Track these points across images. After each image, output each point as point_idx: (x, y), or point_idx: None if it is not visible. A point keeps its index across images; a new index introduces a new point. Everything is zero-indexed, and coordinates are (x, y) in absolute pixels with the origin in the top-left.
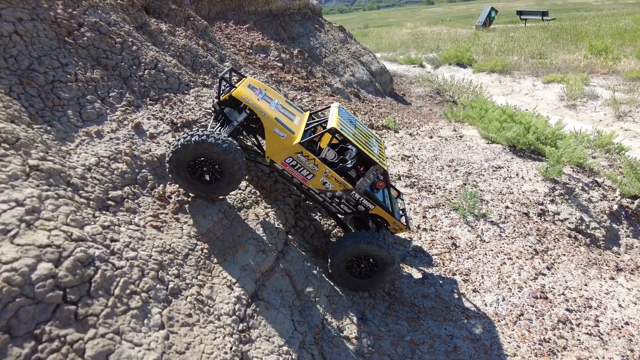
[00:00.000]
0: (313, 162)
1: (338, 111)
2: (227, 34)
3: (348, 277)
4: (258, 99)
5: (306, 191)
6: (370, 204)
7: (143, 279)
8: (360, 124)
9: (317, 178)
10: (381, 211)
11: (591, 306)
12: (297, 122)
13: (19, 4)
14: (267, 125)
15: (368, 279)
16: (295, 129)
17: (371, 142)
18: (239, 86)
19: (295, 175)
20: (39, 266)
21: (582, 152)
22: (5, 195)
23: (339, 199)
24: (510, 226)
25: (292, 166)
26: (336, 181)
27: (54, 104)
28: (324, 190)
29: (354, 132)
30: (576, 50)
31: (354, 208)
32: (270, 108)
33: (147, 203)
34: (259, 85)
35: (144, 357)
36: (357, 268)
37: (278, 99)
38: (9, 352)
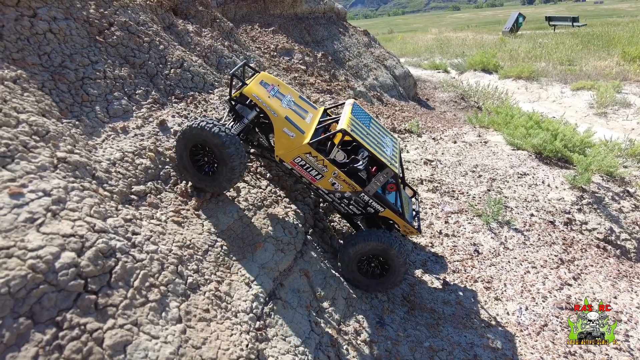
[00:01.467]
0: (322, 163)
1: (352, 109)
2: (252, 37)
3: (358, 276)
4: (269, 97)
5: (315, 190)
6: (379, 206)
7: (162, 273)
8: (375, 122)
9: (326, 179)
10: (391, 214)
11: (621, 320)
12: (308, 119)
13: (54, 4)
14: (277, 124)
15: (378, 279)
16: (306, 128)
17: (384, 143)
18: (250, 83)
19: (304, 174)
20: (62, 255)
21: (612, 161)
22: (34, 185)
23: (347, 200)
24: (535, 234)
25: (301, 166)
26: (345, 183)
27: (83, 99)
28: (333, 191)
29: (366, 132)
30: (608, 57)
31: (364, 210)
32: (280, 106)
33: (169, 199)
34: (271, 81)
35: (160, 350)
36: (368, 267)
37: (291, 94)
38: (31, 338)
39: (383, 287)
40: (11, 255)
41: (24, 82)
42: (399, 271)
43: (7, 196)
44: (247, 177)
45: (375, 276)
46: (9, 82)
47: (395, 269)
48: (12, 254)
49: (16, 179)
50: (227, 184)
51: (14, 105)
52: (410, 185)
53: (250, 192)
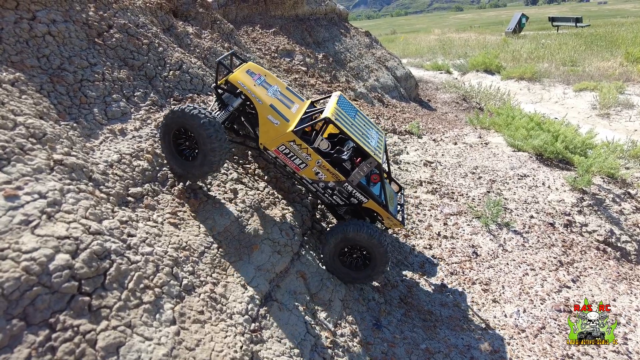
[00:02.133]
0: (306, 152)
1: (337, 100)
2: (253, 38)
3: (340, 268)
4: (255, 85)
5: (299, 180)
6: (363, 197)
7: (157, 275)
8: (361, 115)
9: (310, 168)
10: (375, 205)
11: (620, 322)
12: (294, 109)
13: (54, 6)
14: (261, 112)
15: (361, 271)
16: (291, 117)
17: (369, 134)
18: (236, 71)
19: (288, 163)
20: (56, 257)
21: (614, 162)
22: (30, 187)
23: (331, 190)
24: (534, 236)
25: (285, 154)
26: (329, 172)
27: (81, 102)
28: (316, 181)
29: (351, 122)
30: (611, 58)
31: (347, 200)
32: (266, 94)
33: (166, 200)
34: (258, 71)
35: (153, 352)
36: (349, 258)
37: (278, 85)
38: (24, 339)
39: (365, 278)
40: (5, 257)
41: (22, 85)
42: (381, 261)
43: (2, 198)
44: (245, 178)
45: (358, 268)
46: (7, 85)
47: (377, 259)
48: (6, 255)
49: (12, 181)
50: (208, 168)
51: (11, 108)
52: (396, 181)
53: (247, 194)
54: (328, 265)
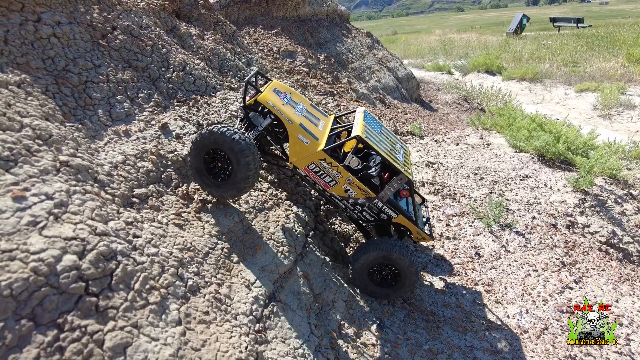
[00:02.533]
0: (336, 170)
1: (364, 117)
2: (255, 39)
3: (369, 284)
4: (283, 104)
5: (328, 197)
6: (393, 212)
7: (163, 275)
8: (385, 130)
9: (340, 185)
10: (404, 220)
11: (622, 323)
12: (321, 127)
13: (58, 8)
14: (291, 131)
15: (389, 288)
16: (319, 135)
17: (396, 149)
18: (264, 91)
19: (318, 181)
20: (64, 258)
21: (616, 163)
22: (37, 188)
23: (361, 206)
24: (536, 237)
25: (315, 172)
26: (359, 189)
27: (85, 103)
28: (346, 197)
29: (379, 138)
30: (613, 58)
31: (377, 216)
32: (294, 113)
33: (171, 201)
34: (284, 89)
35: (160, 352)
36: (379, 275)
37: (303, 102)
38: (33, 339)
39: (396, 294)
40: (14, 258)
41: (27, 86)
42: (410, 278)
43: (10, 200)
44: None
45: (387, 284)
46: (13, 87)
47: (406, 276)
48: (15, 256)
49: (19, 182)
50: (239, 192)
51: (17, 110)
52: (419, 192)
53: (251, 195)
54: (356, 281)
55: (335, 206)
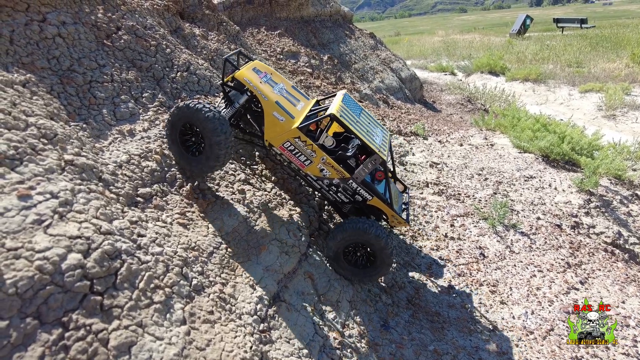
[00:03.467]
0: (311, 148)
1: (342, 98)
2: (259, 40)
3: (345, 265)
4: (261, 82)
5: (304, 177)
6: (368, 194)
7: (167, 275)
8: (366, 113)
9: (315, 164)
10: (379, 203)
11: (629, 325)
12: (300, 107)
13: (63, 9)
14: (267, 108)
15: (364, 269)
16: (296, 114)
17: (374, 132)
18: (242, 68)
19: (293, 160)
20: (69, 256)
21: (621, 164)
22: (42, 187)
23: (336, 187)
24: (541, 238)
25: (290, 151)
26: (333, 169)
27: (90, 103)
28: (321, 178)
29: (356, 120)
30: (617, 59)
31: (352, 197)
32: (272, 91)
33: (175, 201)
34: (264, 69)
35: (164, 351)
36: (354, 256)
37: (284, 83)
38: (38, 338)
39: (370, 277)
40: (19, 256)
41: (33, 86)
42: (385, 260)
43: (15, 198)
44: (252, 179)
45: (361, 266)
46: (18, 86)
47: (381, 258)
48: (20, 255)
49: (24, 181)
50: (214, 162)
51: (23, 109)
52: (401, 181)
53: (255, 195)
54: (332, 262)
55: (311, 187)
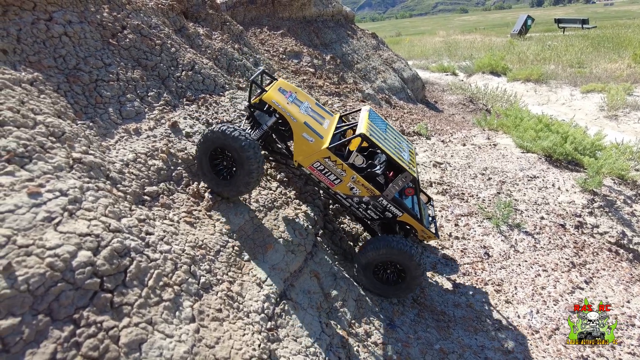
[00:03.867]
0: (341, 168)
1: (368, 115)
2: (262, 40)
3: (374, 281)
4: (288, 103)
5: (333, 195)
6: (398, 210)
7: (176, 272)
8: (391, 128)
9: (345, 183)
10: (409, 219)
11: (634, 324)
12: (326, 125)
13: (69, 8)
14: (296, 130)
15: (394, 286)
16: (324, 133)
17: (402, 147)
18: (269, 90)
19: (323, 179)
20: (79, 254)
21: (624, 164)
22: (51, 184)
23: (366, 204)
24: (545, 237)
25: (320, 171)
26: (363, 187)
27: (96, 101)
28: (351, 196)
29: (384, 137)
30: (619, 59)
31: (382, 214)
32: (299, 112)
33: (182, 199)
34: (289, 88)
35: (174, 349)
36: (384, 273)
37: (308, 101)
38: (50, 334)
39: (400, 292)
40: (30, 253)
41: (40, 84)
42: (416, 277)
43: (25, 195)
44: None
45: (391, 282)
46: (26, 84)
47: (412, 275)
48: (31, 252)
49: (34, 178)
50: (244, 188)
51: (31, 107)
52: (424, 191)
53: (260, 194)
54: (361, 278)
55: (340, 204)
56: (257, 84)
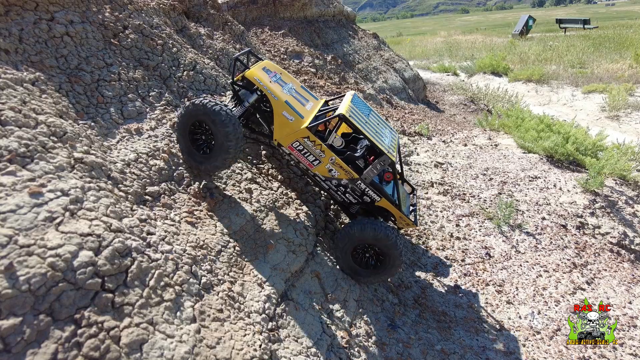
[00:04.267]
0: (320, 148)
1: (351, 99)
2: (263, 40)
3: (353, 266)
4: (270, 81)
5: (312, 177)
6: (376, 195)
7: (177, 273)
8: (375, 114)
9: (323, 165)
10: (387, 204)
11: (636, 325)
12: (309, 107)
13: (71, 7)
14: (276, 108)
15: (373, 270)
16: (306, 114)
17: (383, 133)
18: (252, 67)
19: (302, 160)
20: (80, 254)
21: (625, 164)
22: (53, 184)
23: (344, 187)
24: (546, 238)
25: (299, 151)
26: (342, 169)
27: (98, 101)
28: (329, 178)
29: (365, 120)
30: (620, 60)
31: (360, 198)
32: (281, 91)
33: (183, 199)
34: (274, 69)
35: (175, 349)
36: (363, 257)
37: (293, 83)
38: (51, 334)
39: (378, 277)
40: (31, 253)
41: (42, 84)
42: (395, 261)
43: (27, 195)
44: (259, 178)
45: (370, 266)
46: (27, 84)
47: (391, 259)
48: (33, 252)
49: (35, 178)
50: (221, 164)
51: (32, 107)
52: (409, 182)
53: (262, 194)
54: (341, 262)
55: (319, 187)
56: (241, 61)
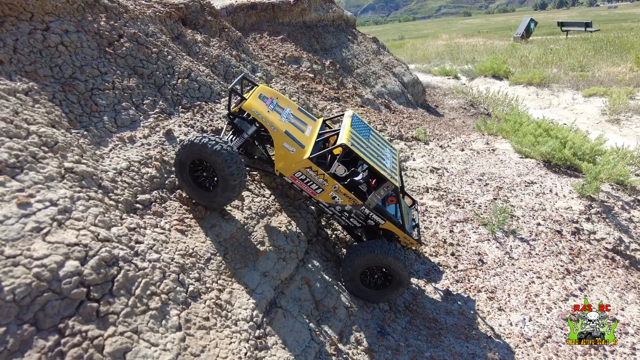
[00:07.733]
0: (322, 177)
1: (351, 122)
2: (261, 45)
3: (361, 287)
4: (268, 111)
5: (316, 204)
6: (380, 218)
7: (164, 281)
8: (374, 133)
9: (327, 192)
10: (391, 226)
11: (628, 332)
12: (308, 132)
13: (67, 17)
14: (277, 139)
15: (381, 290)
16: (306, 142)
17: (384, 155)
18: (249, 97)
19: (305, 188)
20: (66, 264)
21: (623, 169)
22: (41, 195)
23: (348, 213)
24: (541, 244)
25: (302, 180)
26: (346, 196)
27: (91, 110)
28: (333, 204)
29: (366, 144)
30: (621, 63)
31: (364, 222)
32: (280, 120)
33: (174, 207)
34: (270, 94)
35: (159, 357)
36: (371, 278)
37: (290, 107)
38: (35, 344)
39: (386, 296)
40: (17, 263)
41: (35, 94)
42: (403, 282)
43: (15, 206)
44: (251, 185)
45: (378, 287)
46: (21, 94)
47: (399, 280)
48: (18, 262)
49: (24, 189)
50: (226, 201)
51: (24, 117)
52: (409, 194)
53: (253, 201)
54: (348, 284)
55: (323, 212)
56: (237, 92)
